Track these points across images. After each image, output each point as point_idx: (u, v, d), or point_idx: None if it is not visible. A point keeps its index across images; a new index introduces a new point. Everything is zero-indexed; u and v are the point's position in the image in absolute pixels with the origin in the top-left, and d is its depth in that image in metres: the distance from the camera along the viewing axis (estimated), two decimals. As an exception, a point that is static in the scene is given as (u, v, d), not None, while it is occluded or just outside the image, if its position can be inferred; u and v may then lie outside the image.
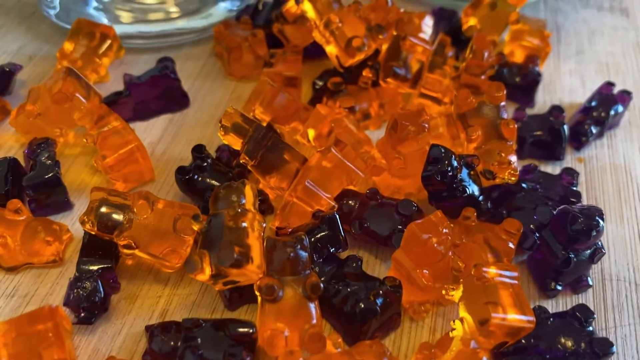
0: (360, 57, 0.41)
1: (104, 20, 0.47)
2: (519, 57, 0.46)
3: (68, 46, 0.43)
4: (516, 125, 0.41)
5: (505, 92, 0.37)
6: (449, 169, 0.34)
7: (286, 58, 0.43)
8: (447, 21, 0.48)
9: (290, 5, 0.42)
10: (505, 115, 0.37)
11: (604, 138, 0.43)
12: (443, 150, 0.34)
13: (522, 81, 0.44)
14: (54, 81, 0.37)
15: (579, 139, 0.42)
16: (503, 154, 0.35)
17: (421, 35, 0.42)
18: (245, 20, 0.46)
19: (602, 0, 0.55)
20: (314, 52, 0.45)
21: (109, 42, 0.43)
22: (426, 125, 0.36)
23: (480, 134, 0.36)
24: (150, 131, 0.41)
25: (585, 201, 0.39)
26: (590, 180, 0.40)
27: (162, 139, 0.41)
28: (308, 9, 0.41)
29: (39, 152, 0.36)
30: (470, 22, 0.45)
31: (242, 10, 0.47)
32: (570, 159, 0.41)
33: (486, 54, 0.41)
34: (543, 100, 0.45)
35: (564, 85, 0.47)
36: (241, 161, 0.36)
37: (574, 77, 0.47)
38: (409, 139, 0.36)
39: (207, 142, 0.41)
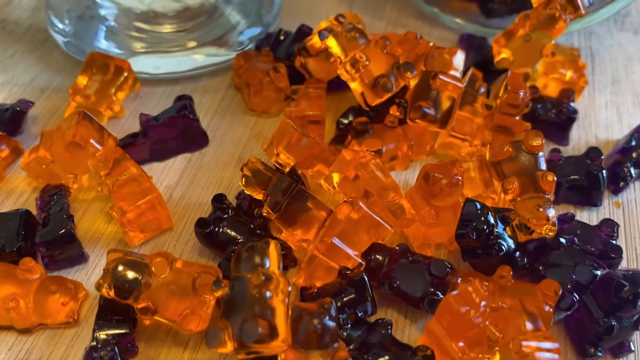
0: (387, 96, 0.39)
1: (115, 50, 0.45)
2: (552, 89, 0.44)
3: (81, 80, 0.41)
4: (552, 162, 0.40)
5: (543, 141, 0.35)
6: (485, 227, 0.32)
7: (309, 94, 0.41)
8: (476, 50, 0.46)
9: (314, 41, 0.40)
10: (543, 166, 0.35)
11: (643, 179, 0.41)
12: (479, 207, 0.33)
13: (556, 118, 0.42)
14: (67, 126, 0.35)
15: (617, 183, 0.40)
16: (542, 209, 0.33)
17: (452, 72, 0.39)
18: (266, 53, 0.44)
19: (639, 23, 0.52)
20: (338, 84, 0.43)
21: (123, 76, 0.41)
22: (460, 178, 0.34)
23: (517, 185, 0.34)
24: (167, 173, 0.39)
25: (624, 250, 0.37)
26: (630, 228, 0.38)
27: (180, 181, 0.39)
28: (332, 45, 0.39)
29: (52, 205, 0.34)
30: (502, 54, 0.43)
31: (263, 39, 0.45)
32: (607, 203, 0.39)
33: (521, 94, 0.39)
34: (578, 137, 0.43)
35: (600, 120, 0.44)
36: (263, 213, 0.34)
37: (610, 110, 0.45)
38: (441, 192, 0.34)
39: (226, 185, 0.39)
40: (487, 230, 0.32)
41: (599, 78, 0.48)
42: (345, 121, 0.41)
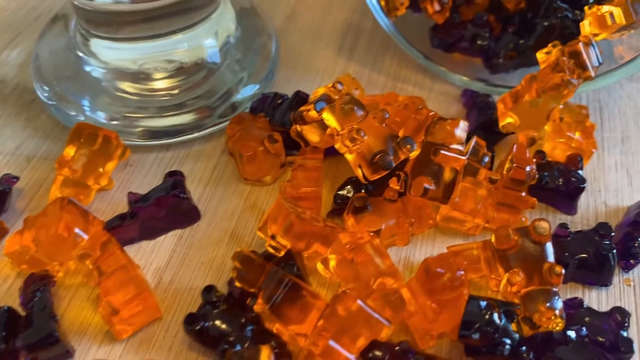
0: (385, 172, 0.37)
1: (102, 115, 0.43)
2: (560, 152, 0.42)
3: (68, 152, 0.39)
4: (559, 239, 0.38)
5: (550, 232, 0.33)
6: (489, 327, 0.30)
7: (306, 165, 0.40)
8: (479, 111, 0.44)
9: (311, 112, 0.38)
10: (551, 258, 0.33)
11: (654, 252, 0.39)
12: (482, 306, 0.31)
13: (564, 187, 0.40)
14: (50, 214, 0.34)
15: (627, 259, 0.38)
16: (548, 305, 0.32)
17: (454, 146, 0.37)
18: (261, 118, 0.42)
19: (648, 72, 0.50)
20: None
21: (112, 146, 0.40)
22: (462, 273, 0.32)
23: (522, 277, 0.33)
24: (157, 253, 0.38)
25: (635, 337, 0.35)
26: (641, 309, 0.36)
27: (170, 262, 0.37)
28: (328, 118, 0.37)
29: (35, 302, 0.32)
30: (507, 119, 0.41)
31: (258, 100, 0.43)
32: (617, 281, 0.38)
33: (528, 170, 0.37)
34: (586, 204, 0.41)
35: (609, 184, 0.43)
36: (255, 309, 0.32)
37: (620, 172, 0.43)
38: (444, 288, 0.32)
39: (218, 265, 0.37)
40: (491, 331, 0.31)
41: (608, 135, 0.46)
42: (344, 194, 0.39)
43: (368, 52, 0.51)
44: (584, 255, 0.37)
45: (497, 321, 0.31)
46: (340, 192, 0.39)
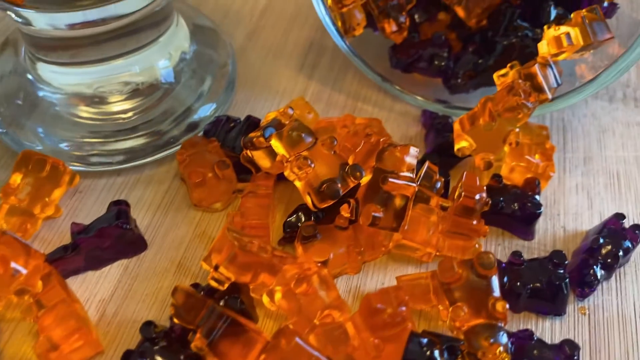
0: (333, 201, 0.36)
1: (52, 140, 0.42)
2: (518, 176, 0.41)
3: (14, 179, 0.38)
4: (512, 267, 0.37)
5: (495, 266, 0.32)
6: (430, 366, 0.30)
7: (257, 192, 0.39)
8: (437, 132, 0.43)
9: (261, 139, 0.37)
10: (497, 292, 0.32)
11: (611, 279, 0.38)
12: (423, 344, 0.30)
13: (520, 212, 0.39)
14: (-13, 248, 0.33)
15: (583, 287, 0.37)
16: (492, 340, 0.31)
17: (404, 173, 0.37)
18: (212, 142, 0.41)
19: (615, 89, 0.49)
20: (289, 173, 0.41)
21: (60, 173, 0.39)
22: (404, 309, 0.31)
23: (466, 312, 0.32)
24: (102, 284, 0.37)
25: (588, 368, 0.34)
26: (595, 339, 0.36)
27: (115, 293, 0.37)
28: (276, 145, 0.37)
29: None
30: (462, 142, 0.40)
31: (212, 124, 0.43)
32: (572, 309, 0.37)
33: (478, 197, 0.36)
34: (545, 228, 0.40)
35: (569, 207, 0.42)
36: (193, 348, 0.32)
37: (581, 195, 0.42)
38: (385, 324, 0.31)
39: (163, 297, 0.37)
40: (432, 368, 0.30)
41: (570, 156, 0.45)
42: (293, 222, 0.38)
43: (330, 70, 0.50)
44: (537, 284, 0.36)
45: (439, 358, 0.30)
46: (290, 220, 0.38)
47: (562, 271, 0.36)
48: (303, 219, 0.38)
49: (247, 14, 0.54)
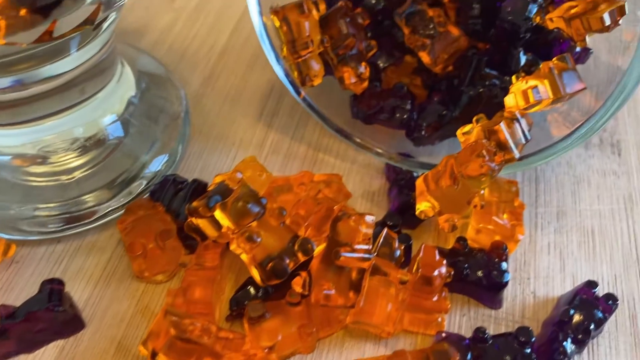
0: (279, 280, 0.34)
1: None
2: (485, 238, 0.39)
3: (-57, 253, 0.36)
4: (476, 345, 0.35)
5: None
6: None
7: (203, 264, 0.36)
8: (399, 189, 0.41)
9: (204, 209, 0.35)
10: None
11: (583, 353, 0.36)
12: None
13: (486, 281, 0.37)
14: None
15: (553, 364, 0.35)
16: None
17: (359, 246, 0.34)
18: (157, 207, 0.38)
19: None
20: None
21: (-8, 246, 0.36)
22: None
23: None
24: (34, 370, 0.34)
25: None
26: (566, 422, 0.33)
27: (48, 381, 0.34)
28: (220, 218, 0.34)
29: None
30: (424, 204, 0.38)
31: (158, 185, 0.40)
32: (542, 388, 0.34)
33: (436, 273, 0.34)
34: (513, 295, 0.38)
35: (540, 269, 0.39)
36: None
37: (553, 255, 0.40)
38: None
39: (101, 383, 0.34)
40: None
41: (542, 211, 0.42)
42: (240, 299, 0.36)
43: (290, 117, 0.47)
44: (503, 365, 0.33)
45: None
46: (237, 296, 0.36)
47: (528, 351, 0.33)
48: (252, 293, 0.36)
49: (203, 57, 0.51)
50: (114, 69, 0.42)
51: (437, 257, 0.34)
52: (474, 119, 0.39)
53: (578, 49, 0.43)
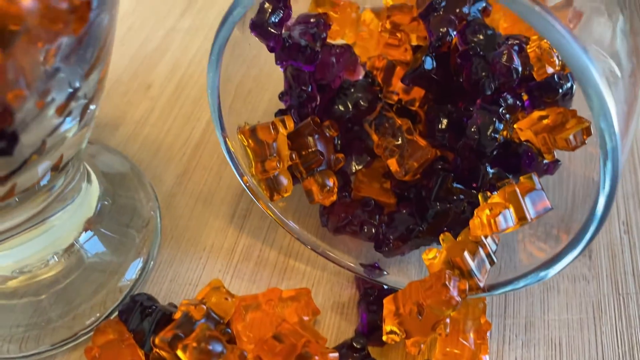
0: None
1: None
2: None
3: None
4: None
5: None
6: None
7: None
8: (367, 306, 0.41)
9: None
10: None
11: None
12: None
13: (449, 413, 0.37)
14: None
15: None
16: None
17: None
18: (127, 335, 0.38)
19: (562, 236, 0.47)
20: None
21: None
22: None
23: None
24: None
25: None
26: None
27: None
28: (183, 357, 0.34)
29: None
30: (388, 328, 0.38)
31: (127, 304, 0.40)
32: None
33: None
34: (478, 419, 0.38)
35: (506, 390, 0.40)
36: None
37: (520, 372, 0.40)
38: None
39: None
40: None
41: (510, 323, 0.42)
42: None
43: (262, 219, 0.47)
44: None
45: None
46: None
47: None
48: None
49: (178, 151, 0.51)
50: (78, 186, 0.42)
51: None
52: (440, 237, 0.39)
53: (545, 161, 0.43)
